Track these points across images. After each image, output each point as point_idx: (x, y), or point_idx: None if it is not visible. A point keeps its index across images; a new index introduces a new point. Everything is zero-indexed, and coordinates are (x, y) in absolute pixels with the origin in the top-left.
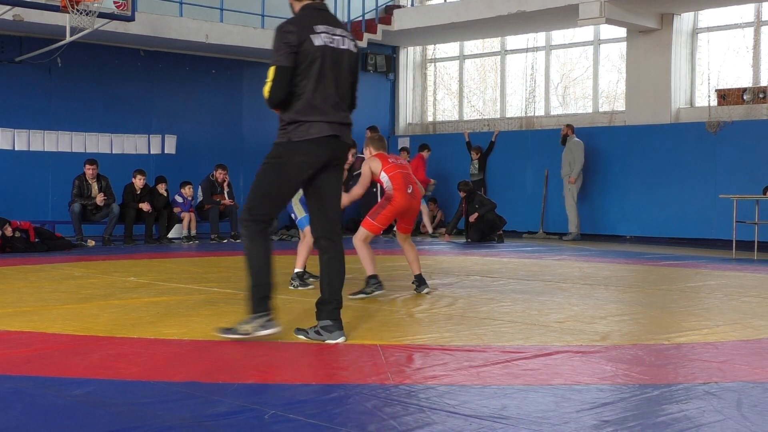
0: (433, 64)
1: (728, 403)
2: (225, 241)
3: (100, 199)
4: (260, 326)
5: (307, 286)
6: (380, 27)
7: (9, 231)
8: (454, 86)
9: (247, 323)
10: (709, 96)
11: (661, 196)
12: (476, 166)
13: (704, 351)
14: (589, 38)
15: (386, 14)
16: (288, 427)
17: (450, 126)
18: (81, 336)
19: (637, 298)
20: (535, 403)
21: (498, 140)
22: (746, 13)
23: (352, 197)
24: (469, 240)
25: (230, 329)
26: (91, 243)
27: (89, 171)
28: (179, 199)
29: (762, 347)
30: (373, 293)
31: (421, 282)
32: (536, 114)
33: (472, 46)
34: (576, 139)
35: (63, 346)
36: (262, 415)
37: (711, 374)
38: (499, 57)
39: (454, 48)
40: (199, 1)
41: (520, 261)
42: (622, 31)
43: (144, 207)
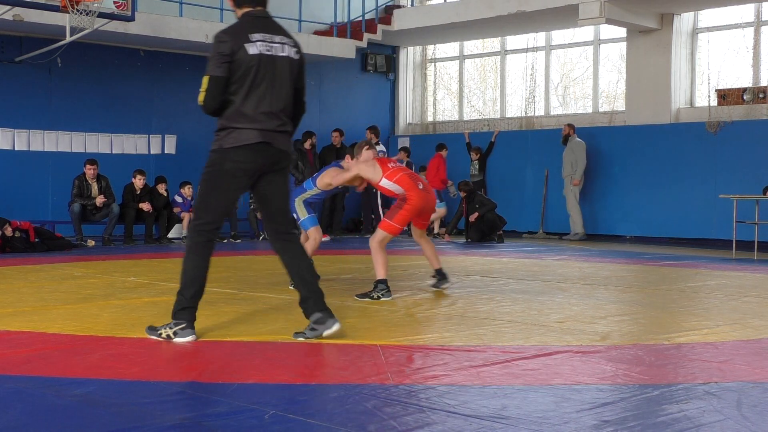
0: (433, 64)
1: (728, 403)
2: (225, 241)
3: (100, 201)
4: (174, 333)
5: None
6: (380, 27)
7: (9, 231)
8: (454, 86)
9: (167, 327)
10: (709, 96)
11: (661, 196)
12: (476, 167)
13: (704, 351)
14: (589, 38)
15: (386, 14)
16: (288, 427)
17: (450, 126)
18: (81, 336)
19: (637, 298)
20: (535, 403)
21: (498, 140)
22: (746, 13)
23: (335, 183)
24: (469, 240)
25: (155, 329)
26: (91, 243)
27: (89, 171)
28: (179, 199)
29: (762, 347)
30: (379, 299)
31: (443, 276)
32: (536, 114)
33: (472, 46)
34: (578, 139)
35: (63, 346)
36: (262, 415)
37: (711, 374)
38: (499, 57)
39: (454, 48)
40: (199, 1)
41: (520, 261)
42: (622, 31)
43: (144, 207)
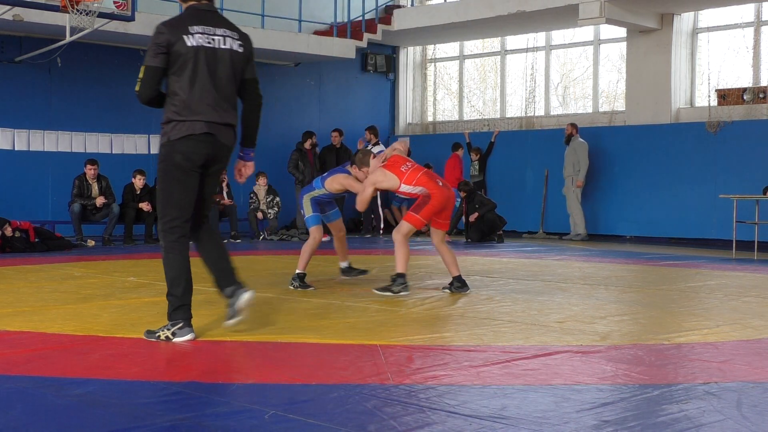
0: (433, 64)
1: (728, 403)
2: (225, 241)
3: (100, 202)
4: (173, 334)
5: (308, 288)
6: (380, 27)
7: (9, 231)
8: (454, 86)
9: (165, 330)
10: (709, 96)
11: (661, 196)
12: (476, 167)
13: (704, 351)
14: (589, 38)
15: (386, 14)
16: (288, 427)
17: (450, 126)
18: (81, 336)
19: (637, 298)
20: (535, 403)
21: (498, 140)
22: (746, 13)
23: (364, 199)
24: (469, 240)
25: (153, 332)
26: (91, 243)
27: (90, 171)
28: None
29: (762, 347)
30: (399, 294)
31: (462, 284)
32: (536, 114)
33: (472, 46)
34: (580, 139)
35: (63, 346)
36: (262, 415)
37: (711, 374)
38: (499, 57)
39: (454, 48)
40: None
41: (520, 261)
42: (622, 31)
43: (144, 207)
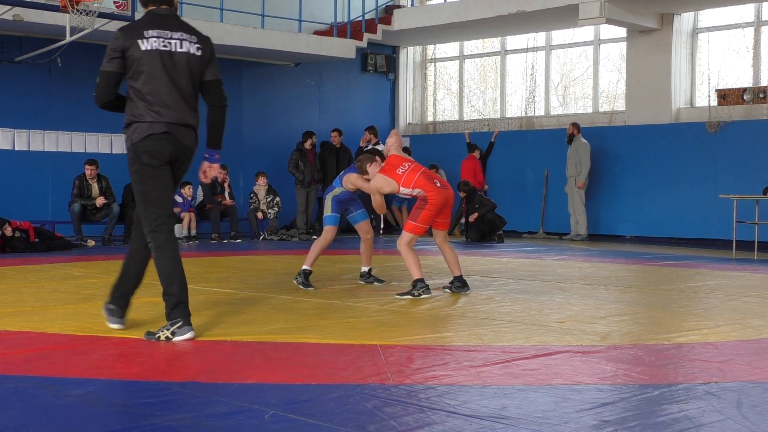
0: (433, 64)
1: (728, 403)
2: (225, 241)
3: (100, 202)
4: (172, 333)
5: (308, 288)
6: (380, 27)
7: (9, 231)
8: (454, 86)
9: (164, 330)
10: (709, 96)
11: (661, 196)
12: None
13: (704, 351)
14: (589, 38)
15: (386, 14)
16: (288, 427)
17: (450, 126)
18: (81, 336)
19: (637, 298)
20: (535, 403)
21: (498, 140)
22: (746, 13)
23: (378, 205)
24: (469, 240)
25: (153, 333)
26: (91, 243)
27: (89, 171)
28: (179, 199)
29: (762, 347)
30: (420, 296)
31: (463, 284)
32: (536, 114)
33: (472, 46)
34: (583, 140)
35: (63, 346)
36: (262, 415)
37: (711, 374)
38: (499, 57)
39: (454, 48)
40: (199, 1)
41: (520, 261)
42: (622, 31)
43: None
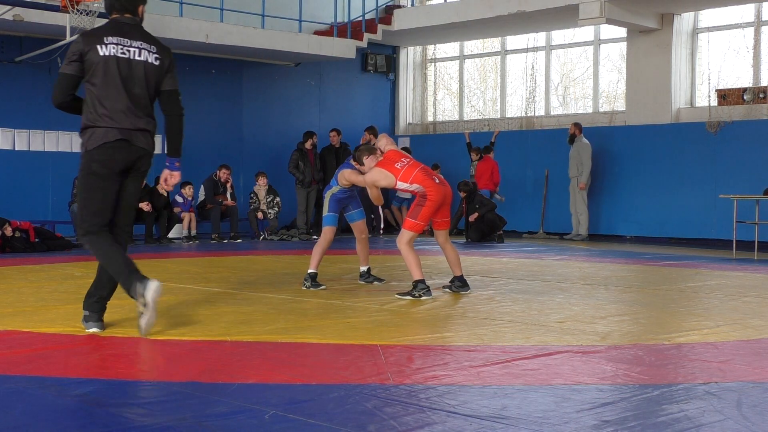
0: (433, 64)
1: (728, 403)
2: (225, 241)
3: None
4: (143, 300)
5: (319, 287)
6: (380, 27)
7: (9, 231)
8: (454, 86)
9: (139, 303)
10: (709, 96)
11: (661, 196)
12: (476, 167)
13: (704, 351)
14: (589, 38)
15: (386, 14)
16: (288, 427)
17: (450, 126)
18: (81, 336)
19: (637, 298)
20: (535, 403)
21: (498, 140)
22: (746, 13)
23: (375, 197)
24: (469, 240)
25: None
26: None
27: None
28: (179, 199)
29: (762, 347)
30: (420, 297)
31: (464, 284)
32: (536, 114)
33: (472, 46)
34: (584, 140)
35: (63, 346)
36: (262, 415)
37: (711, 374)
38: (499, 57)
39: (454, 48)
40: (199, 1)
41: (520, 261)
42: (622, 31)
43: (144, 207)
